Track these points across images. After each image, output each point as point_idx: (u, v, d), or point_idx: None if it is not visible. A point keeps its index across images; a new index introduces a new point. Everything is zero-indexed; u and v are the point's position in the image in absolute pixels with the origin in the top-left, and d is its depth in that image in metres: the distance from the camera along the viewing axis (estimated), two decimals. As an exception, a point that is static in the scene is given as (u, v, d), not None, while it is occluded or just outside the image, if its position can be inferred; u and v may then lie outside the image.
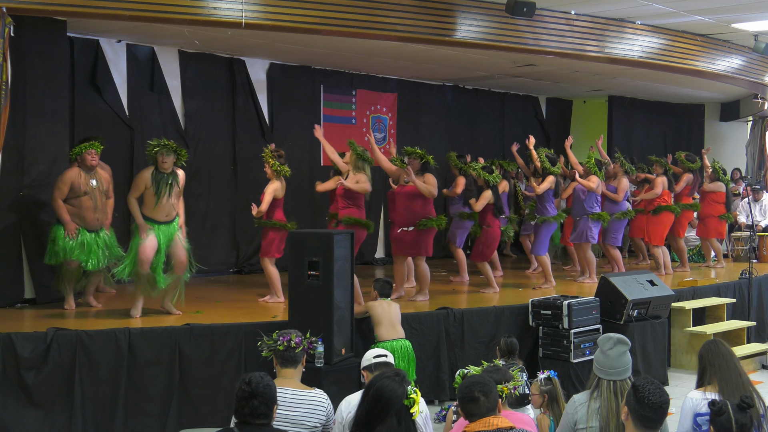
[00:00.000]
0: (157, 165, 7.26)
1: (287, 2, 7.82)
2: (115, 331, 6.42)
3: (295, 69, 11.64)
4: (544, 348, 7.71)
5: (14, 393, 6.10)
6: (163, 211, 7.31)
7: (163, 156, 7.24)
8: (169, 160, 7.28)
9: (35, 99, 7.99)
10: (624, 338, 3.95)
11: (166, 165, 7.27)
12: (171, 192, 7.30)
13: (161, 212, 7.30)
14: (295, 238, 6.76)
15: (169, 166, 7.29)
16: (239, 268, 11.10)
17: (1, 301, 7.80)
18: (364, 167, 8.18)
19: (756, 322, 9.78)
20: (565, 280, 10.31)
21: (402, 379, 3.35)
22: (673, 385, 8.04)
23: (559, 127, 15.52)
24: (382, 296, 6.99)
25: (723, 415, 3.42)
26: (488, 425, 3.36)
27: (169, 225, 7.38)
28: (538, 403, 5.34)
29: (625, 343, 3.93)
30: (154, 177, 7.25)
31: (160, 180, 7.25)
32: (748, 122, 15.32)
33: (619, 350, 3.89)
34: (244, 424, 3.45)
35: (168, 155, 7.26)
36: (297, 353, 4.56)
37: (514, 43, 9.20)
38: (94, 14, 7.44)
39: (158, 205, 7.25)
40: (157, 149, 7.24)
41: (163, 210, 7.31)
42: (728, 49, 11.13)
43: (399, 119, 12.99)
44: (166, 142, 7.32)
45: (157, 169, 7.27)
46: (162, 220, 7.33)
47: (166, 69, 10.33)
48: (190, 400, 6.57)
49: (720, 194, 11.58)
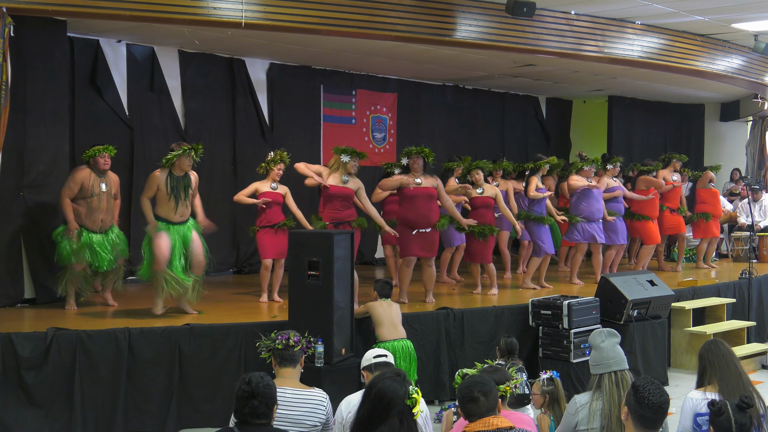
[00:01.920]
0: (173, 168, 7.30)
1: (287, 2, 7.82)
2: (115, 331, 6.42)
3: (295, 69, 11.64)
4: (544, 348, 7.71)
5: (14, 393, 6.10)
6: (177, 212, 7.36)
7: (185, 159, 7.31)
8: (191, 162, 7.36)
9: (35, 99, 7.99)
10: (613, 330, 4.13)
11: (185, 167, 7.34)
12: (187, 195, 7.39)
13: (174, 213, 7.35)
14: (294, 238, 6.76)
15: (188, 168, 7.37)
16: (239, 268, 11.11)
17: (1, 301, 7.79)
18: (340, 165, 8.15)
19: (756, 322, 9.78)
20: (563, 281, 10.29)
21: (403, 379, 3.35)
22: (673, 385, 8.04)
23: (559, 127, 15.54)
24: (382, 297, 6.99)
25: (722, 415, 3.42)
26: (488, 425, 3.36)
27: (183, 225, 7.42)
28: (539, 404, 5.34)
29: (615, 334, 4.09)
30: (170, 182, 7.30)
31: (177, 184, 7.31)
32: (748, 122, 15.31)
33: (612, 341, 4.03)
34: (244, 423, 3.45)
35: (188, 158, 7.32)
36: (296, 352, 4.57)
37: (514, 43, 9.20)
38: (94, 14, 7.45)
39: (175, 207, 7.31)
40: (184, 152, 7.28)
41: (177, 211, 7.36)
42: (728, 49, 11.13)
43: (399, 119, 12.99)
44: (187, 147, 7.36)
45: (171, 173, 7.30)
46: (176, 220, 7.38)
47: (166, 69, 10.33)
48: (190, 400, 6.57)
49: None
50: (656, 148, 14.60)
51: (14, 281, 7.95)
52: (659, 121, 15.72)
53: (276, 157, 8.46)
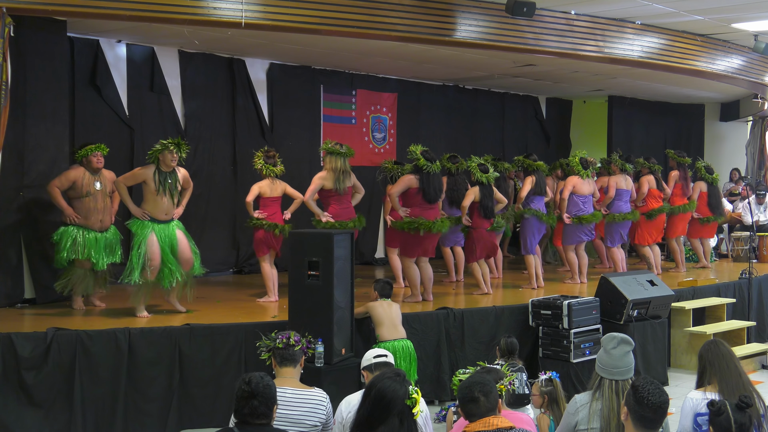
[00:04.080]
0: (159, 164, 7.30)
1: (287, 2, 7.82)
2: (115, 331, 6.42)
3: (295, 69, 11.64)
4: (544, 348, 7.71)
5: (14, 393, 6.10)
6: (163, 209, 7.36)
7: (168, 154, 7.29)
8: (174, 157, 7.33)
9: (35, 99, 7.99)
10: (628, 338, 3.94)
11: (172, 162, 7.33)
12: (175, 191, 7.37)
13: (161, 210, 7.36)
14: (294, 238, 6.76)
15: (173, 164, 7.35)
16: (239, 268, 11.11)
17: (1, 301, 7.79)
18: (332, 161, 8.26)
19: (756, 322, 9.78)
20: (560, 281, 10.29)
21: (403, 379, 3.35)
22: (673, 385, 8.04)
23: (559, 127, 15.54)
24: (382, 297, 6.99)
25: (722, 415, 3.42)
26: (488, 425, 3.36)
27: (168, 225, 7.42)
28: (539, 404, 5.34)
29: (629, 343, 3.93)
30: (158, 177, 7.29)
31: (164, 180, 7.30)
32: (748, 122, 15.31)
33: (623, 350, 3.89)
34: (244, 424, 3.45)
35: (174, 152, 7.30)
36: (296, 351, 4.57)
37: (514, 43, 9.19)
38: (94, 14, 7.44)
39: (159, 203, 7.30)
40: (164, 147, 7.26)
41: (163, 208, 7.36)
42: (728, 49, 11.13)
43: (399, 119, 12.99)
44: (171, 140, 7.36)
45: (159, 169, 7.30)
46: (161, 218, 7.38)
47: (166, 69, 10.33)
48: (190, 401, 6.58)
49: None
50: (656, 148, 14.59)
51: (14, 281, 7.95)
52: (659, 121, 15.72)
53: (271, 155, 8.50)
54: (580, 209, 9.86)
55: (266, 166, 8.38)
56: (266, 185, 8.36)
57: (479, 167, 9.04)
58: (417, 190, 8.30)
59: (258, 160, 8.44)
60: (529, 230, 9.69)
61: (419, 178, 8.31)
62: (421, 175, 8.30)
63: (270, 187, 8.37)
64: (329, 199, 8.35)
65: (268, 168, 8.38)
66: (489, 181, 9.03)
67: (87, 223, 7.57)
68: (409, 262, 8.44)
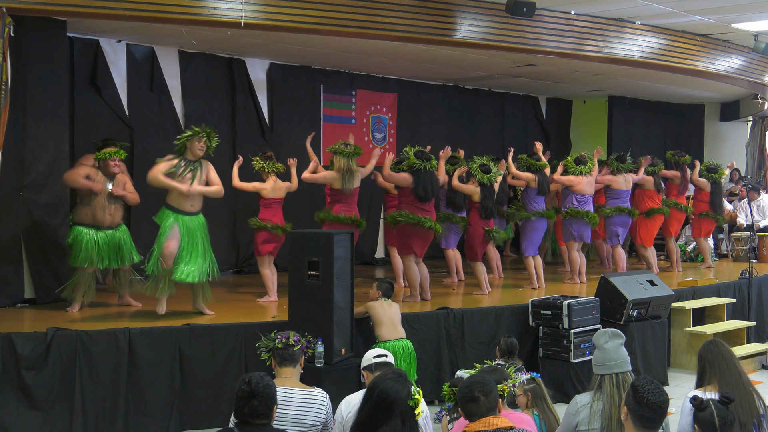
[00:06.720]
0: (186, 152, 7.26)
1: (287, 2, 7.82)
2: (115, 331, 6.42)
3: (295, 69, 11.64)
4: (544, 348, 7.71)
5: (14, 393, 6.10)
6: (189, 199, 7.27)
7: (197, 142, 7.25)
8: (202, 146, 7.30)
9: (35, 99, 7.99)
10: (618, 331, 4.03)
11: (199, 151, 7.28)
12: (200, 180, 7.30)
13: (186, 201, 7.26)
14: (294, 238, 6.76)
15: (200, 153, 7.30)
16: (239, 268, 11.11)
17: (1, 301, 7.79)
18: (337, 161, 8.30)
19: (756, 322, 9.78)
20: (561, 281, 10.28)
21: (405, 379, 3.35)
22: (673, 385, 8.04)
23: (559, 127, 15.54)
24: (384, 297, 6.99)
25: (705, 410, 3.43)
26: (488, 425, 3.36)
27: (194, 217, 7.32)
28: (524, 403, 5.33)
29: (619, 336, 4.01)
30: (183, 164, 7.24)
31: (187, 166, 7.25)
32: (748, 122, 15.31)
33: (615, 343, 3.96)
34: (244, 424, 3.45)
35: (199, 141, 7.27)
36: (295, 351, 4.57)
37: (514, 43, 9.20)
38: (94, 14, 7.45)
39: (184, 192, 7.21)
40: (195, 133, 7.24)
41: (189, 199, 7.27)
42: (728, 49, 11.13)
43: (399, 119, 12.99)
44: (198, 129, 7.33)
45: (185, 157, 7.27)
46: (187, 210, 7.29)
47: (166, 69, 10.34)
48: (190, 401, 6.57)
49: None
50: (656, 148, 14.58)
51: (14, 281, 7.95)
52: (659, 121, 15.73)
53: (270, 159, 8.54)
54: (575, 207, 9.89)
55: (268, 164, 8.38)
56: (268, 186, 8.35)
57: (480, 168, 9.03)
58: (410, 190, 8.36)
59: (257, 162, 8.45)
60: (529, 231, 9.67)
61: (413, 177, 8.35)
62: (414, 174, 8.33)
63: (272, 188, 8.36)
64: (335, 197, 8.38)
65: (270, 165, 8.37)
66: (490, 182, 9.02)
67: (94, 222, 7.55)
68: (409, 262, 8.44)
